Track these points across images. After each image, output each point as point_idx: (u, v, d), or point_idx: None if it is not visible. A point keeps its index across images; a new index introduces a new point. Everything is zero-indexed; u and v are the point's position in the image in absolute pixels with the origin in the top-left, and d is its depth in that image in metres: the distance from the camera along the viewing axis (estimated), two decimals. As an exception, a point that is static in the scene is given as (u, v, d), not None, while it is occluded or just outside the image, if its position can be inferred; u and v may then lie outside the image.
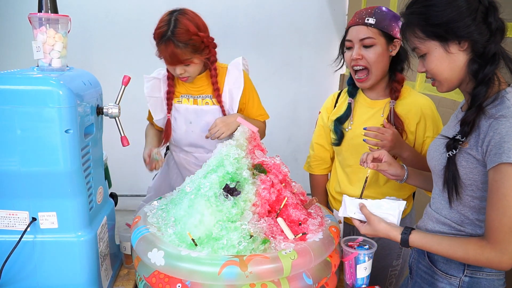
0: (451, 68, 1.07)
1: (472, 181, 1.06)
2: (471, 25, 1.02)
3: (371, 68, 1.43)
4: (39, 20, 1.14)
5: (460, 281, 1.11)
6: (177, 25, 1.55)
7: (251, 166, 1.25)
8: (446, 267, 1.14)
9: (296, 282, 1.06)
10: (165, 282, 1.06)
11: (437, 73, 1.09)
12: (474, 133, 1.04)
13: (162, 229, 1.17)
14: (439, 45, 1.06)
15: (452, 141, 1.08)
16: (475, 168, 1.04)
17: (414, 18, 1.08)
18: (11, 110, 1.03)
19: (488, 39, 1.03)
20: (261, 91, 1.94)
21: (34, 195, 1.10)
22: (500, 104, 1.01)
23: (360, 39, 1.42)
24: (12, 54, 3.42)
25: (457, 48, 1.05)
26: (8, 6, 3.37)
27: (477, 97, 1.04)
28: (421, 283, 1.22)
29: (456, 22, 1.02)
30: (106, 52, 3.49)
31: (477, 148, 1.03)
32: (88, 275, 1.18)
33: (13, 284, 1.16)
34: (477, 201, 1.07)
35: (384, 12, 1.42)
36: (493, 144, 0.98)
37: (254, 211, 1.15)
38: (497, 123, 0.98)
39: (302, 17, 3.60)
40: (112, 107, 1.25)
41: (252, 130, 1.33)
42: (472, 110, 1.04)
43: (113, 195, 1.49)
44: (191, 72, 1.65)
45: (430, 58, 1.08)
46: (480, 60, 1.04)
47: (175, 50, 1.54)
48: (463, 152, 1.06)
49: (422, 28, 1.06)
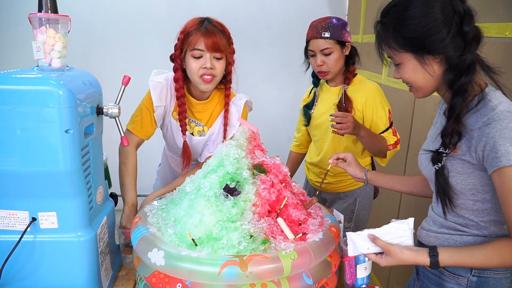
0: (425, 78, 1.08)
1: (472, 186, 1.06)
2: (445, 38, 1.01)
3: (331, 69, 1.81)
4: (39, 20, 1.14)
5: (468, 281, 1.11)
6: (212, 20, 1.53)
7: (251, 166, 1.25)
8: (453, 267, 1.13)
9: (296, 282, 1.06)
10: (165, 282, 1.06)
11: (412, 82, 1.11)
12: (464, 138, 1.04)
13: (162, 229, 1.17)
14: (413, 57, 1.06)
15: (436, 154, 1.09)
16: (472, 173, 1.05)
17: (388, 29, 1.08)
18: (11, 110, 1.02)
19: (463, 50, 1.02)
20: (261, 91, 1.95)
21: (34, 195, 1.10)
22: (484, 107, 1.01)
23: (320, 50, 1.78)
24: (12, 54, 3.42)
25: (431, 59, 1.05)
26: (8, 6, 3.37)
27: (454, 108, 1.04)
28: (428, 283, 1.21)
29: (430, 37, 1.02)
30: (106, 52, 3.49)
31: (470, 154, 1.03)
32: (88, 275, 1.18)
33: (13, 284, 1.16)
34: (479, 203, 1.07)
35: (336, 24, 1.77)
36: (488, 149, 0.98)
37: (254, 211, 1.15)
38: (488, 128, 0.98)
39: (302, 17, 3.60)
40: (112, 107, 1.25)
41: (252, 130, 1.33)
42: (451, 122, 1.05)
43: (113, 195, 1.49)
44: (218, 71, 1.52)
45: (404, 69, 1.09)
46: (455, 71, 1.04)
47: (217, 35, 1.48)
48: (456, 158, 1.06)
49: (396, 40, 1.07)
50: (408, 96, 2.33)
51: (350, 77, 1.87)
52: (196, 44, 1.48)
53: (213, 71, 1.51)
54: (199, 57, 1.49)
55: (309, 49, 1.84)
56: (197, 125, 1.65)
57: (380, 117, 1.83)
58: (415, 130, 2.25)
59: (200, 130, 1.65)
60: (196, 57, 1.49)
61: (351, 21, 3.56)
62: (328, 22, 1.77)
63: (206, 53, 1.48)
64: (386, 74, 2.69)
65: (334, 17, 1.80)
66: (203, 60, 1.49)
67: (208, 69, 1.49)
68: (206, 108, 1.64)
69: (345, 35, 1.79)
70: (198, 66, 1.50)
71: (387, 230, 1.11)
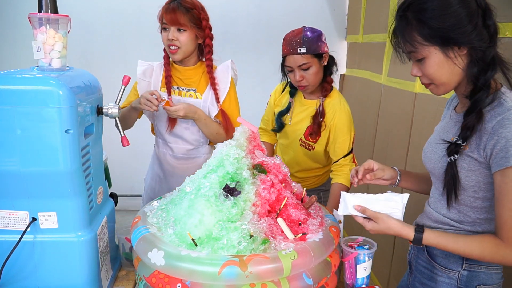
0: (450, 72, 1.06)
1: (475, 183, 1.07)
2: (474, 30, 1.01)
3: (310, 83, 1.79)
4: (39, 20, 1.14)
5: (459, 275, 1.13)
6: None
7: (251, 166, 1.25)
8: (445, 261, 1.16)
9: (296, 282, 1.06)
10: (165, 282, 1.06)
11: (435, 77, 1.07)
12: (474, 135, 1.04)
13: (162, 229, 1.17)
14: (439, 49, 1.04)
15: (454, 146, 1.08)
16: (477, 170, 1.05)
17: (411, 22, 1.05)
18: (11, 110, 1.02)
19: (489, 43, 1.02)
20: (261, 91, 1.95)
21: (34, 195, 1.10)
22: (499, 106, 1.02)
23: (298, 66, 1.75)
24: (12, 54, 3.42)
25: (457, 52, 1.03)
26: (8, 6, 3.37)
27: (479, 102, 1.04)
28: (420, 278, 1.24)
29: (460, 28, 1.01)
30: (106, 52, 3.49)
31: (478, 151, 1.03)
32: (88, 275, 1.18)
33: (13, 284, 1.16)
34: (479, 201, 1.08)
35: (310, 38, 1.73)
36: (499, 148, 0.98)
37: (254, 211, 1.15)
38: (501, 127, 0.99)
39: (302, 17, 3.60)
40: (112, 107, 1.25)
41: (252, 130, 1.33)
42: (473, 116, 1.04)
43: (113, 195, 1.49)
44: (182, 43, 1.73)
45: (429, 63, 1.06)
46: (480, 64, 1.03)
47: (177, 10, 1.70)
48: (464, 154, 1.07)
49: (422, 33, 1.03)
50: (408, 96, 2.33)
51: (328, 89, 1.86)
52: (163, 19, 1.74)
53: (176, 42, 1.73)
54: (166, 29, 1.75)
55: (286, 65, 1.82)
56: (188, 91, 1.86)
57: (344, 141, 1.83)
58: (415, 130, 2.26)
59: (192, 94, 1.86)
60: (163, 29, 1.76)
61: (351, 21, 3.56)
62: (303, 37, 1.73)
63: (170, 27, 1.72)
64: (386, 74, 2.69)
65: (308, 29, 1.77)
66: (168, 31, 1.74)
67: (170, 40, 1.73)
68: (194, 74, 1.85)
69: (322, 47, 1.76)
70: (165, 38, 1.75)
71: (381, 197, 1.15)
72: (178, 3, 1.72)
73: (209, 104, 1.83)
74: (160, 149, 1.92)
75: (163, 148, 1.91)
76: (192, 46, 1.77)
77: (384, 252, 2.48)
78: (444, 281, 1.16)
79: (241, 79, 2.03)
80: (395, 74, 2.56)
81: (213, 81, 1.81)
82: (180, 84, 1.86)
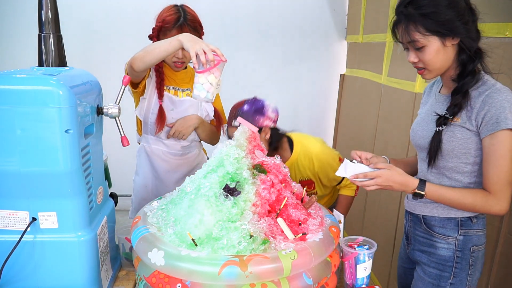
0: (444, 59, 1.24)
1: (466, 150, 1.24)
2: (469, 23, 1.20)
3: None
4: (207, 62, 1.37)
5: (456, 240, 1.31)
6: (187, 14, 1.73)
7: (251, 166, 1.25)
8: (443, 230, 1.33)
9: (296, 282, 1.06)
10: (165, 282, 1.06)
11: (431, 63, 1.24)
12: (464, 109, 1.22)
13: (162, 229, 1.17)
14: (438, 39, 1.21)
15: (443, 118, 1.26)
16: (469, 139, 1.23)
17: (414, 16, 1.21)
18: (11, 110, 1.02)
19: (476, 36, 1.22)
20: (261, 91, 1.95)
21: (34, 195, 1.10)
22: (483, 85, 1.21)
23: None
24: (12, 54, 3.42)
25: (451, 42, 1.22)
26: (8, 6, 3.37)
27: (466, 85, 1.22)
28: (420, 246, 1.40)
29: (459, 21, 1.19)
30: (106, 52, 3.49)
31: (470, 122, 1.21)
32: (88, 275, 1.18)
33: (13, 284, 1.16)
34: (470, 166, 1.26)
35: (246, 112, 1.72)
36: (489, 116, 1.17)
37: (254, 211, 1.15)
38: (490, 98, 1.17)
39: (302, 17, 3.61)
40: (112, 107, 1.25)
41: (252, 130, 1.33)
42: (460, 95, 1.22)
43: (113, 195, 1.49)
44: (188, 58, 1.77)
45: (428, 50, 1.22)
46: (466, 53, 1.22)
47: (186, 30, 1.70)
48: (457, 126, 1.24)
49: (426, 25, 1.19)
50: (408, 96, 2.33)
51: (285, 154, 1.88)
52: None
53: (184, 59, 1.78)
54: None
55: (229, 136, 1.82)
56: (184, 91, 1.88)
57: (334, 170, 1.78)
58: (415, 130, 2.25)
59: (188, 94, 1.88)
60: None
61: (351, 21, 3.57)
62: (239, 110, 1.75)
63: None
64: (386, 74, 2.69)
65: (248, 101, 1.76)
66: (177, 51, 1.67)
67: (180, 58, 1.76)
68: (187, 77, 1.89)
69: (259, 120, 1.74)
70: (172, 55, 1.72)
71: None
72: (186, 23, 1.71)
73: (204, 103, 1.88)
74: (152, 146, 1.89)
75: (156, 144, 1.89)
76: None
77: (384, 252, 2.48)
78: (444, 247, 1.33)
79: (241, 79, 2.03)
80: (395, 74, 2.56)
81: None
82: (175, 85, 1.87)
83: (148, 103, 1.82)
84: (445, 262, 1.33)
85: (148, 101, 1.82)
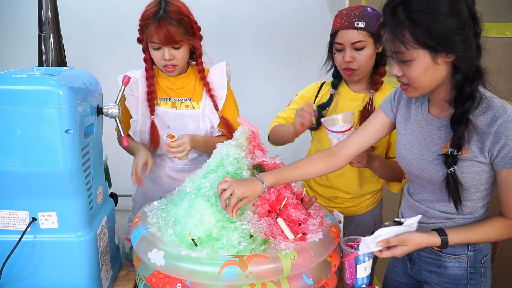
0: (432, 77, 1.04)
1: (477, 181, 1.11)
2: (469, 38, 0.99)
3: (361, 67, 1.50)
4: None
5: (467, 257, 1.21)
6: (168, 5, 1.50)
7: (251, 166, 1.25)
8: (451, 249, 1.20)
9: (296, 282, 1.06)
10: (165, 282, 1.06)
11: (418, 81, 1.04)
12: (473, 140, 1.06)
13: (162, 229, 1.17)
14: (428, 54, 1.00)
15: (451, 157, 1.08)
16: (481, 171, 1.10)
17: (404, 21, 0.98)
18: (11, 110, 1.02)
19: (476, 53, 1.01)
20: (261, 91, 1.93)
21: (34, 195, 1.10)
22: (490, 108, 1.04)
23: (352, 43, 1.47)
24: (12, 54, 3.42)
25: (444, 59, 1.01)
26: (8, 6, 3.37)
27: (467, 112, 1.04)
28: (427, 267, 1.27)
29: (454, 35, 0.97)
30: (106, 52, 3.49)
31: (483, 154, 1.06)
32: (88, 275, 1.18)
33: (13, 284, 1.16)
34: (479, 193, 1.14)
35: (371, 14, 1.46)
36: (507, 150, 1.03)
37: (254, 211, 1.15)
38: (507, 130, 1.01)
39: (302, 17, 3.60)
40: (112, 107, 1.25)
41: (252, 130, 1.33)
42: (463, 126, 1.05)
43: (113, 195, 1.49)
44: (179, 60, 1.54)
45: (415, 66, 1.02)
46: (463, 73, 1.03)
47: (169, 28, 1.47)
48: (466, 160, 1.08)
49: (415, 35, 0.98)
50: (408, 96, 2.32)
51: (379, 81, 1.58)
52: (152, 37, 1.50)
53: (173, 61, 1.54)
54: (158, 48, 1.53)
55: (336, 42, 1.51)
56: (183, 101, 1.65)
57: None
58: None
59: (188, 105, 1.65)
60: (155, 48, 1.53)
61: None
62: (363, 11, 1.46)
63: (164, 47, 1.51)
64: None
65: (368, 6, 1.49)
66: (162, 51, 1.53)
67: (167, 60, 1.53)
68: (187, 83, 1.66)
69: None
70: (159, 57, 1.54)
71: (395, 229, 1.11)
72: (166, 16, 1.47)
73: (208, 113, 1.64)
74: (156, 163, 1.70)
75: (160, 160, 1.71)
76: (187, 57, 1.60)
77: (384, 252, 2.47)
78: (455, 266, 1.22)
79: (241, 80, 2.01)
80: (395, 74, 2.55)
81: (208, 87, 1.63)
82: (172, 95, 1.64)
83: (142, 123, 1.63)
84: (458, 281, 1.22)
85: (141, 121, 1.63)
